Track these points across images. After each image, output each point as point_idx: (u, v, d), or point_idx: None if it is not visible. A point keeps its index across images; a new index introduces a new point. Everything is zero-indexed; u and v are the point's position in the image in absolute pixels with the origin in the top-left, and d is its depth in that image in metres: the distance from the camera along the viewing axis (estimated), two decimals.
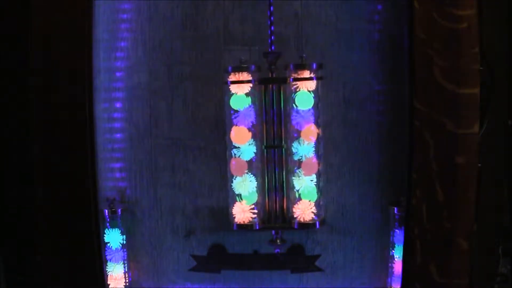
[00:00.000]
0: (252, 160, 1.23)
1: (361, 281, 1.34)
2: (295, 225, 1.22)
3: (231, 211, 1.23)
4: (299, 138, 1.21)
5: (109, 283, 1.29)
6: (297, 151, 1.21)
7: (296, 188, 1.22)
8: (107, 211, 1.28)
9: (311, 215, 1.22)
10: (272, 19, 1.22)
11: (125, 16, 1.30)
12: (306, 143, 1.21)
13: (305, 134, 1.21)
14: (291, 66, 1.20)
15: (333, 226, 1.33)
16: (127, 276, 1.32)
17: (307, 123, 1.21)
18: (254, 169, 1.23)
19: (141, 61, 1.31)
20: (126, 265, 1.32)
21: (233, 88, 1.21)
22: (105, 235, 1.28)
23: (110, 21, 1.30)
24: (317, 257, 1.33)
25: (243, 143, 1.22)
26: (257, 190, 1.23)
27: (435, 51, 1.14)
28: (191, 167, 1.32)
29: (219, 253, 1.33)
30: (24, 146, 1.31)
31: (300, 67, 1.19)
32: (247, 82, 1.20)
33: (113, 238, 1.29)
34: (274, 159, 1.23)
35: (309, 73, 1.20)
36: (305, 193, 1.22)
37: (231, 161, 1.22)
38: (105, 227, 1.28)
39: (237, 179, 1.23)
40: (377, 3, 1.28)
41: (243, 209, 1.23)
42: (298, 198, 1.23)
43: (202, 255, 1.33)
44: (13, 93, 1.31)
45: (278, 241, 1.26)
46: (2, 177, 1.35)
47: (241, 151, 1.22)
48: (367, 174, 1.31)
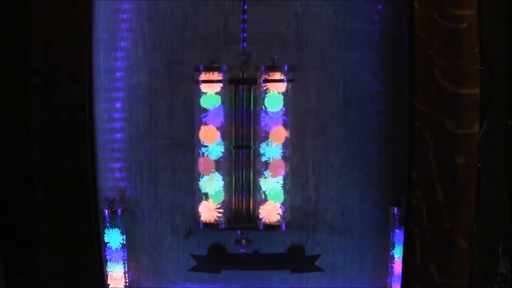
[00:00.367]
0: (219, 159, 1.23)
1: (361, 281, 1.34)
2: (260, 226, 1.23)
3: (197, 209, 1.24)
4: (267, 139, 1.22)
5: (109, 283, 1.29)
6: (265, 153, 1.22)
7: (262, 189, 1.23)
8: (107, 211, 1.28)
9: (277, 217, 1.23)
10: (245, 17, 1.23)
11: (125, 16, 1.30)
12: (274, 144, 1.22)
13: (274, 136, 1.22)
14: (262, 67, 1.21)
15: (333, 226, 1.33)
16: (127, 276, 1.32)
17: (275, 125, 1.22)
18: (221, 169, 1.24)
19: (141, 61, 1.31)
20: (126, 265, 1.32)
21: (204, 87, 1.22)
22: (105, 235, 1.28)
23: (110, 21, 1.29)
24: (317, 257, 1.33)
25: (212, 142, 1.23)
26: (224, 189, 1.24)
27: (435, 51, 1.14)
28: (191, 167, 1.32)
29: (219, 253, 1.33)
30: (24, 146, 1.31)
31: (271, 69, 1.20)
32: (218, 81, 1.21)
33: (113, 238, 1.29)
34: (242, 160, 1.24)
35: (280, 75, 1.21)
36: (271, 195, 1.23)
37: (199, 160, 1.23)
38: (105, 227, 1.28)
39: (204, 177, 1.24)
40: (377, 3, 1.28)
41: (209, 208, 1.24)
42: (264, 199, 1.24)
43: (202, 255, 1.33)
44: (13, 93, 1.31)
45: (243, 241, 1.27)
46: (2, 177, 1.35)
47: (209, 150, 1.23)
48: (367, 174, 1.31)
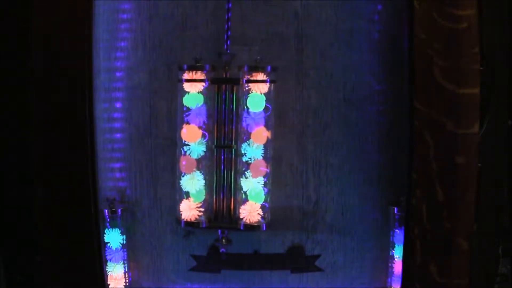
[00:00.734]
0: (201, 158, 1.24)
1: (361, 281, 1.34)
2: (241, 226, 1.23)
3: (178, 208, 1.25)
4: (249, 139, 1.22)
5: (109, 283, 1.29)
6: (246, 153, 1.22)
7: (243, 189, 1.23)
8: (107, 211, 1.28)
9: (258, 217, 1.23)
10: (229, 15, 1.23)
11: (125, 16, 1.30)
12: (255, 145, 1.22)
13: (255, 136, 1.22)
14: (245, 67, 1.21)
15: (333, 226, 1.33)
16: (127, 276, 1.32)
17: (257, 126, 1.22)
18: (203, 168, 1.24)
19: (141, 61, 1.31)
20: (126, 265, 1.32)
21: (187, 86, 1.22)
22: (105, 235, 1.28)
23: (110, 21, 1.29)
24: (317, 257, 1.33)
25: (193, 141, 1.23)
26: (205, 188, 1.25)
27: (435, 51, 1.14)
28: None
29: (219, 253, 1.33)
30: (24, 146, 1.31)
31: (254, 69, 1.20)
32: (200, 81, 1.21)
33: (113, 238, 1.29)
34: (223, 159, 1.25)
35: (262, 76, 1.21)
36: (252, 195, 1.23)
37: (181, 159, 1.24)
38: (105, 227, 1.28)
39: (185, 176, 1.24)
40: (377, 3, 1.28)
41: (190, 206, 1.24)
42: (245, 199, 1.24)
43: (202, 255, 1.33)
44: (13, 93, 1.31)
45: (223, 240, 1.27)
46: (2, 177, 1.35)
47: (191, 149, 1.23)
48: (367, 174, 1.32)
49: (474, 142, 1.16)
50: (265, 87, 1.21)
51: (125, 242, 1.31)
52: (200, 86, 1.22)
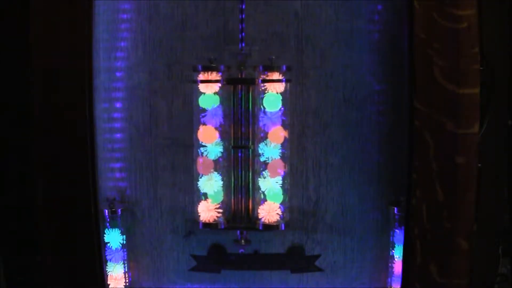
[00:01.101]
0: (218, 159, 1.23)
1: (361, 281, 1.34)
2: (260, 226, 1.23)
3: (196, 209, 1.24)
4: (266, 139, 1.22)
5: (109, 283, 1.29)
6: (263, 153, 1.22)
7: (261, 189, 1.23)
8: (107, 211, 1.28)
9: (276, 217, 1.23)
10: (243, 16, 1.22)
11: (125, 16, 1.30)
12: (272, 145, 1.22)
13: (272, 136, 1.22)
14: (260, 67, 1.21)
15: (333, 226, 1.33)
16: (127, 276, 1.32)
17: (274, 125, 1.22)
18: (220, 169, 1.24)
19: (141, 61, 1.31)
20: (126, 265, 1.32)
21: (202, 87, 1.22)
22: (105, 235, 1.28)
23: (110, 21, 1.29)
24: (317, 257, 1.33)
25: (210, 142, 1.23)
26: (223, 189, 1.24)
27: (435, 51, 1.14)
28: (191, 167, 1.32)
29: (219, 253, 1.33)
30: (24, 146, 1.31)
31: (269, 69, 1.20)
32: (216, 81, 1.21)
33: (113, 238, 1.29)
34: (240, 160, 1.24)
35: (278, 75, 1.21)
36: (270, 195, 1.23)
37: (198, 160, 1.23)
38: (105, 227, 1.28)
39: (203, 177, 1.24)
40: (377, 3, 1.28)
41: (208, 207, 1.24)
42: (263, 199, 1.24)
43: (202, 255, 1.33)
44: (13, 93, 1.31)
45: (242, 241, 1.27)
46: (2, 177, 1.35)
47: (208, 150, 1.23)
48: (367, 174, 1.31)
49: (474, 142, 1.16)
50: (281, 87, 1.21)
51: (125, 242, 1.31)
52: (215, 86, 1.21)
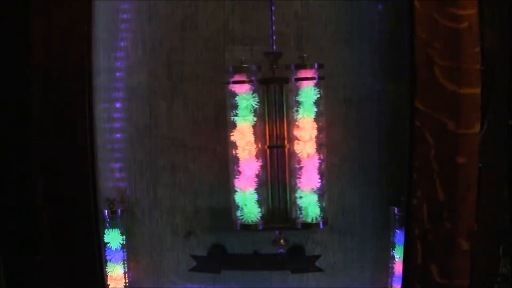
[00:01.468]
0: (253, 160, 1.22)
1: (361, 281, 1.34)
2: (298, 225, 1.22)
3: (234, 211, 1.23)
4: (301, 137, 1.21)
5: (109, 283, 1.29)
6: (299, 151, 1.21)
7: (298, 188, 1.22)
8: (107, 211, 1.28)
9: (314, 215, 1.22)
10: (273, 19, 1.22)
11: (125, 16, 1.30)
12: (308, 143, 1.21)
13: (307, 134, 1.21)
14: (293, 66, 1.20)
15: (334, 226, 1.33)
16: (127, 276, 1.32)
17: (309, 123, 1.21)
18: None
19: (141, 61, 1.31)
20: (126, 265, 1.32)
21: (235, 88, 1.21)
22: (105, 235, 1.28)
23: (110, 21, 1.29)
24: (317, 257, 1.33)
25: (245, 143, 1.22)
26: (259, 190, 1.23)
27: (436, 51, 1.13)
28: (191, 167, 1.32)
29: (219, 253, 1.33)
30: (24, 146, 1.30)
31: (301, 67, 1.20)
32: (249, 82, 1.20)
33: (113, 238, 1.29)
34: (277, 159, 1.23)
35: (311, 73, 1.20)
36: (307, 193, 1.22)
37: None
38: (105, 227, 1.28)
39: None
40: (377, 3, 1.28)
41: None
42: (300, 198, 1.22)
43: (202, 255, 1.33)
44: (13, 93, 1.31)
45: (281, 241, 1.26)
46: (2, 177, 1.35)
47: (244, 152, 1.21)
48: (367, 174, 1.31)
49: (474, 142, 1.16)
50: (314, 84, 1.20)
51: (125, 242, 1.31)
52: (248, 87, 1.21)
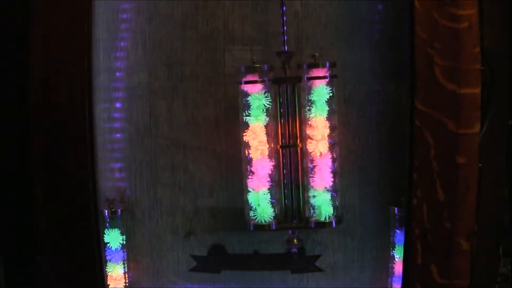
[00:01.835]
0: (266, 160, 1.22)
1: (361, 281, 1.34)
2: (312, 224, 1.22)
3: (247, 211, 1.23)
4: (314, 137, 1.21)
5: (109, 283, 1.29)
6: (312, 150, 1.21)
7: (312, 187, 1.22)
8: (107, 211, 1.28)
9: (328, 214, 1.22)
10: (285, 19, 1.22)
11: (125, 16, 1.30)
12: (321, 142, 1.21)
13: (320, 133, 1.20)
14: (305, 65, 1.20)
15: None
16: (127, 276, 1.32)
17: (322, 122, 1.20)
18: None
19: (141, 61, 1.31)
20: (126, 265, 1.32)
21: (247, 88, 1.21)
22: (105, 235, 1.28)
23: (110, 21, 1.29)
24: (318, 257, 1.33)
25: (258, 143, 1.21)
26: (272, 190, 1.23)
27: (436, 51, 1.13)
28: (191, 167, 1.32)
29: (219, 253, 1.33)
30: (24, 146, 1.30)
31: (314, 66, 1.19)
32: (261, 81, 1.20)
33: (113, 238, 1.29)
34: (290, 159, 1.23)
35: (323, 72, 1.19)
36: (320, 192, 1.22)
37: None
38: (105, 227, 1.28)
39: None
40: (377, 3, 1.28)
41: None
42: (313, 197, 1.22)
43: (202, 255, 1.33)
44: (13, 93, 1.31)
45: (295, 240, 1.26)
46: (2, 177, 1.35)
47: (257, 152, 1.21)
48: (367, 174, 1.31)
49: (474, 142, 1.16)
50: (327, 83, 1.20)
51: (125, 242, 1.31)
52: (260, 86, 1.20)
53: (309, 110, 1.21)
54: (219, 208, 1.32)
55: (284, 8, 1.22)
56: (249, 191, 1.22)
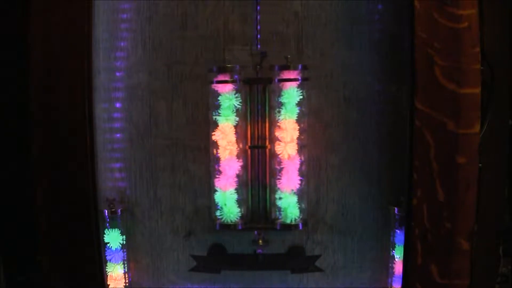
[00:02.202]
0: (234, 160, 1.23)
1: (361, 281, 1.34)
2: (277, 226, 1.23)
3: (213, 211, 1.25)
4: (283, 139, 1.22)
5: (109, 283, 1.29)
6: (280, 152, 1.22)
7: (279, 189, 1.23)
8: (107, 211, 1.28)
9: (294, 216, 1.23)
10: (258, 18, 1.23)
11: (125, 16, 1.30)
12: (289, 144, 1.21)
13: (289, 135, 1.21)
14: (276, 67, 1.21)
15: (333, 226, 1.33)
16: (127, 276, 1.32)
17: (291, 125, 1.21)
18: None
19: (141, 61, 1.31)
20: (126, 265, 1.32)
21: (218, 87, 1.22)
22: (105, 236, 1.28)
23: (110, 21, 1.29)
24: (317, 257, 1.33)
25: (227, 143, 1.22)
26: (240, 190, 1.24)
27: (436, 50, 1.13)
28: (191, 167, 1.32)
29: (219, 253, 1.33)
30: (24, 145, 1.30)
31: (285, 68, 1.20)
32: (232, 82, 1.21)
33: (113, 238, 1.29)
34: (258, 160, 1.24)
35: (294, 74, 1.21)
36: (287, 194, 1.23)
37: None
38: (105, 227, 1.28)
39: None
40: (377, 3, 1.28)
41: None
42: (280, 199, 1.23)
43: (202, 255, 1.33)
44: (13, 93, 1.31)
45: (260, 241, 1.27)
46: (2, 177, 1.35)
47: (225, 151, 1.22)
48: (367, 174, 1.31)
49: (474, 142, 1.16)
50: (297, 86, 1.21)
51: (124, 242, 1.31)
52: (231, 87, 1.21)
53: (279, 112, 1.21)
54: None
55: (258, 7, 1.23)
56: (216, 191, 1.23)
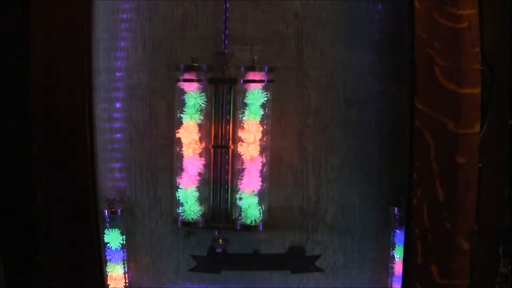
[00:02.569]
0: (197, 158, 1.23)
1: (361, 281, 1.34)
2: (238, 226, 1.24)
3: (175, 208, 1.25)
4: (246, 139, 1.22)
5: (109, 283, 1.29)
6: (243, 153, 1.22)
7: (240, 189, 1.24)
8: (106, 211, 1.28)
9: (255, 217, 1.23)
10: (227, 15, 1.23)
11: (125, 16, 1.30)
12: (252, 145, 1.22)
13: (252, 136, 1.22)
14: (242, 67, 1.21)
15: (333, 226, 1.33)
16: (127, 276, 1.32)
17: (254, 126, 1.22)
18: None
19: (141, 61, 1.31)
20: (126, 265, 1.32)
21: (184, 86, 1.22)
22: (105, 236, 1.28)
23: (110, 21, 1.29)
24: (317, 257, 1.33)
25: (191, 141, 1.23)
26: (201, 189, 1.24)
27: (436, 50, 1.13)
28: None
29: (219, 253, 1.32)
30: (24, 145, 1.30)
31: (251, 69, 1.21)
32: (198, 81, 1.22)
33: (113, 238, 1.29)
34: (220, 159, 1.25)
35: (260, 75, 1.21)
36: (248, 195, 1.23)
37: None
38: (105, 227, 1.28)
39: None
40: (377, 3, 1.28)
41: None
42: (240, 199, 1.24)
43: (202, 255, 1.33)
44: (13, 93, 1.31)
45: (220, 241, 1.27)
46: (2, 177, 1.35)
47: (188, 149, 1.23)
48: (367, 174, 1.31)
49: (474, 142, 1.16)
50: (263, 87, 1.21)
51: (124, 242, 1.31)
52: (197, 86, 1.22)
53: (243, 112, 1.22)
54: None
55: (227, 4, 1.24)
56: (178, 188, 1.24)
